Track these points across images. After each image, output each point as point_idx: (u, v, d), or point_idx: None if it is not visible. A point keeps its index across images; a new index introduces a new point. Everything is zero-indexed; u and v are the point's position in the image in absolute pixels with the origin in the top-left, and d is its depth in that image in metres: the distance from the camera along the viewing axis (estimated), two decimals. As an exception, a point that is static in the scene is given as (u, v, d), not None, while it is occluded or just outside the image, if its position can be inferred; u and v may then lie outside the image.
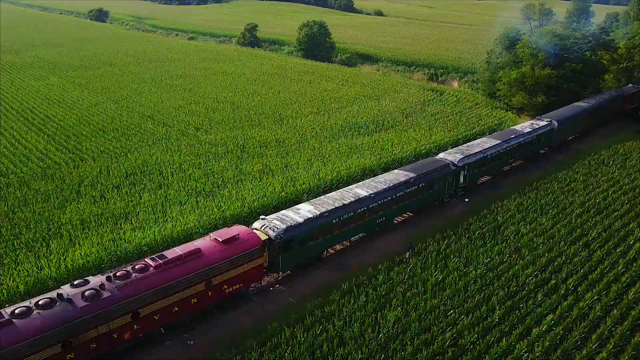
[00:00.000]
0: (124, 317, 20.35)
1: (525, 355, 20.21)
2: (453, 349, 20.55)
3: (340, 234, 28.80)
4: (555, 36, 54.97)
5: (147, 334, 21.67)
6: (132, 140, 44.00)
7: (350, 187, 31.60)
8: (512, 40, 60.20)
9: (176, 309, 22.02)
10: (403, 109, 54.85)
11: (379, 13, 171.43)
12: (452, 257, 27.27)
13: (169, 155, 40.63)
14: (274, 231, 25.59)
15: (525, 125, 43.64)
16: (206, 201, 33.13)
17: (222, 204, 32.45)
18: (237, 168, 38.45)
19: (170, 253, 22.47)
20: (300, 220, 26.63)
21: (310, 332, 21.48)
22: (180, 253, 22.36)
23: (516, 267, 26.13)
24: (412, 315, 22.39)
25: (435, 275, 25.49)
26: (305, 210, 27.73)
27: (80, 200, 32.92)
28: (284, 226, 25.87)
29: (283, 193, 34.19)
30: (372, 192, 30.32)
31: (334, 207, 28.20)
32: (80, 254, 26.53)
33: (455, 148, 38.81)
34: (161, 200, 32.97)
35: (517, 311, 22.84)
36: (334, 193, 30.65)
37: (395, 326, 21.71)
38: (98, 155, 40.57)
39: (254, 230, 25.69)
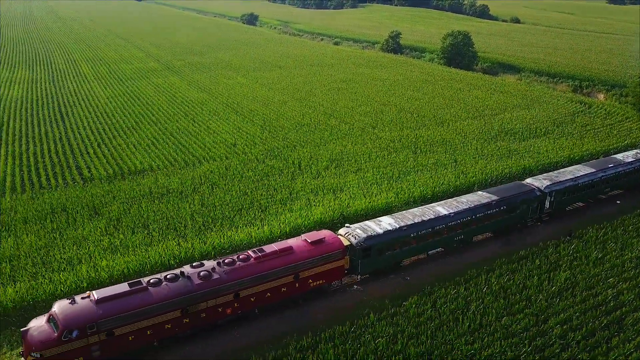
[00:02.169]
0: (228, 296, 25.12)
1: (675, 313, 26.61)
2: (614, 302, 27.55)
3: (418, 247, 31.63)
4: None
5: (244, 312, 26.25)
6: (325, 134, 55.07)
7: (431, 204, 34.21)
8: (669, 57, 62.22)
9: (269, 294, 26.44)
10: (553, 119, 60.23)
11: (516, 20, 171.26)
12: (609, 242, 33.74)
13: (357, 147, 50.89)
14: (355, 239, 29.40)
15: (628, 155, 43.40)
16: (396, 184, 42.56)
17: (410, 187, 41.66)
18: (414, 160, 47.51)
19: (268, 248, 27.11)
20: (380, 231, 29.97)
21: (499, 279, 29.72)
22: (276, 249, 26.94)
23: (668, 254, 32.02)
24: (579, 277, 29.69)
25: (595, 253, 32.30)
26: (386, 223, 30.90)
27: (304, 175, 44.14)
28: (364, 235, 29.51)
29: (458, 182, 42.55)
30: (452, 211, 32.73)
31: (413, 222, 31.12)
32: (319, 212, 37.22)
33: (545, 174, 39.73)
34: (362, 181, 43.04)
35: (668, 284, 29.07)
36: (415, 209, 33.45)
37: (565, 282, 29.19)
38: (303, 144, 52.01)
39: (339, 236, 29.65)
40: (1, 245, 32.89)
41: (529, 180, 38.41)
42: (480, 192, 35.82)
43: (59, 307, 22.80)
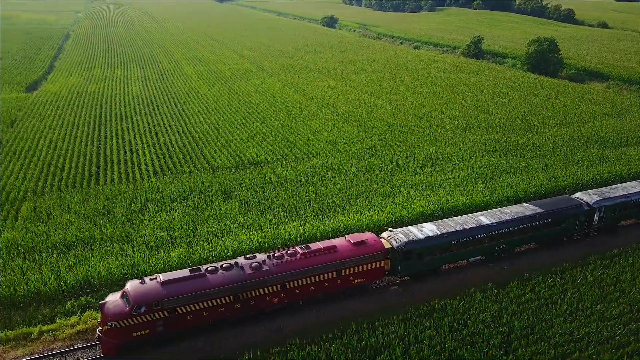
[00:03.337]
0: (275, 286, 27.83)
1: None
2: None
3: (458, 254, 32.97)
4: None
5: (289, 302, 28.81)
6: (417, 135, 59.24)
7: (474, 214, 35.47)
8: None
9: (312, 288, 29.01)
10: (645, 129, 60.98)
11: (604, 25, 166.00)
12: (702, 247, 35.75)
13: (450, 148, 54.70)
14: (396, 242, 31.27)
15: None
16: (490, 184, 46.05)
17: (504, 187, 45.03)
18: (506, 163, 50.64)
19: (314, 245, 29.72)
20: (421, 237, 31.65)
21: (594, 272, 32.82)
22: (321, 247, 29.52)
23: None
24: (668, 276, 32.26)
25: (686, 256, 34.55)
26: (427, 229, 32.55)
27: (402, 172, 48.64)
28: (406, 239, 31.26)
29: (549, 185, 45.41)
30: (494, 221, 33.79)
31: (454, 229, 32.47)
32: (420, 205, 41.57)
33: (596, 189, 39.97)
34: (458, 179, 46.89)
35: None
36: (458, 217, 34.85)
37: (654, 280, 31.91)
38: (398, 144, 56.45)
39: (381, 239, 31.72)
40: (157, 218, 39.96)
41: (578, 195, 38.97)
42: (525, 204, 36.72)
43: (131, 285, 26.33)
